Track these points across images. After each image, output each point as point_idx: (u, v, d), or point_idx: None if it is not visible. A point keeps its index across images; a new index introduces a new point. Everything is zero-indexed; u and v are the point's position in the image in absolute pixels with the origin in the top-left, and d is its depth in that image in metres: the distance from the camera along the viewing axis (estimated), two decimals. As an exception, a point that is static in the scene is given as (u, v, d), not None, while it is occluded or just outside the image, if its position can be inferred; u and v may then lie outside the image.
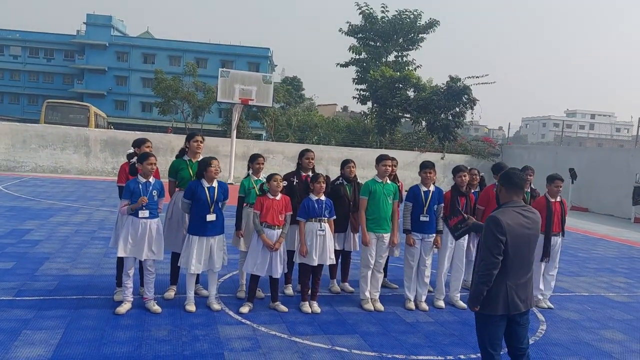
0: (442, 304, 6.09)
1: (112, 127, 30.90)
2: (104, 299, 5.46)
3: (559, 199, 6.37)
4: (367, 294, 5.86)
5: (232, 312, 5.34)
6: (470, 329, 5.31)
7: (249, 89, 17.50)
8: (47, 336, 4.40)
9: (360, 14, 29.82)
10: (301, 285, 5.72)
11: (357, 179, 6.35)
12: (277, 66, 65.56)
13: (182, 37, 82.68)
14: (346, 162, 6.26)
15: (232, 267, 6.79)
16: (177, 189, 5.73)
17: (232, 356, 4.30)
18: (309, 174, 5.96)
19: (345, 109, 61.37)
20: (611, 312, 6.47)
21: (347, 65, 31.05)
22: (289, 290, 6.15)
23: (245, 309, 5.38)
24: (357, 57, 30.47)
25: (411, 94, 25.98)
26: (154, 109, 39.25)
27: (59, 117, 23.08)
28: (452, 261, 6.19)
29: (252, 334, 4.83)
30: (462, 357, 4.67)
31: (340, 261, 6.43)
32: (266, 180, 5.45)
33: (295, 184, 5.95)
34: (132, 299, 5.20)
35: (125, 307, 5.09)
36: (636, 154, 19.10)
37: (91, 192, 14.77)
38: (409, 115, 25.88)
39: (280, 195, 5.42)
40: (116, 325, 4.77)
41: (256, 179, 5.80)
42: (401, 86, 25.88)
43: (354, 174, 6.24)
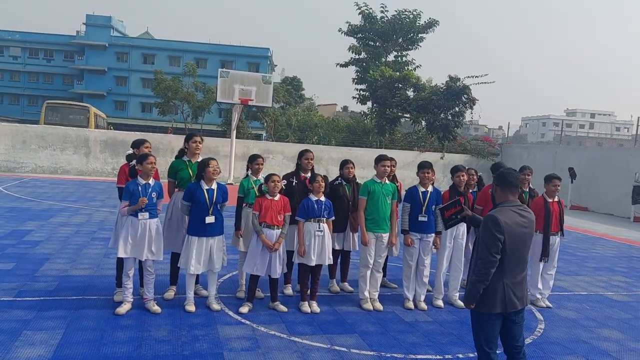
0: (440, 303, 6.12)
1: (112, 127, 30.93)
2: (104, 299, 5.49)
3: (556, 199, 6.39)
4: (366, 294, 5.88)
5: (231, 312, 5.36)
6: (468, 328, 5.31)
7: (248, 89, 17.52)
8: (48, 336, 4.43)
9: (359, 14, 29.86)
10: (300, 285, 5.75)
11: (356, 179, 6.38)
12: (277, 66, 65.68)
13: (181, 38, 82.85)
14: (345, 163, 6.28)
15: (232, 268, 6.81)
16: (176, 189, 5.76)
17: (231, 356, 4.32)
18: (308, 175, 5.99)
19: (345, 108, 61.40)
20: (609, 311, 6.49)
21: (346, 65, 31.09)
22: (289, 290, 6.17)
23: (244, 309, 5.40)
24: (357, 57, 30.51)
25: (411, 93, 26.01)
26: (153, 110, 39.30)
27: (59, 117, 23.12)
28: (451, 261, 6.21)
29: (251, 333, 4.85)
30: (461, 356, 4.69)
31: (339, 261, 6.46)
32: (264, 180, 5.47)
33: (294, 184, 5.98)
34: (132, 300, 5.23)
35: (125, 308, 5.11)
36: (635, 153, 19.12)
37: (91, 192, 14.80)
38: (408, 115, 25.91)
39: (278, 195, 5.44)
40: (116, 325, 4.79)
41: (255, 179, 5.82)
42: (401, 86, 25.91)
43: (352, 174, 6.27)
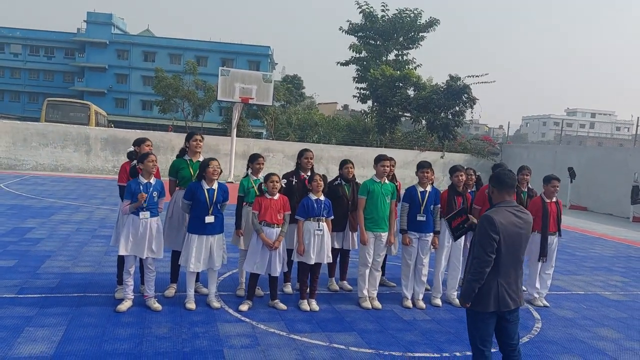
0: (439, 302, 6.17)
1: (113, 125, 30.97)
2: (105, 296, 5.54)
3: (554, 199, 6.43)
4: (365, 292, 5.93)
5: (231, 310, 5.41)
6: (466, 326, 5.37)
7: (249, 87, 17.56)
8: (49, 333, 4.48)
9: (360, 12, 29.85)
10: (300, 283, 5.79)
11: (356, 179, 6.42)
12: (278, 64, 65.81)
13: (182, 35, 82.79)
14: (344, 163, 6.32)
15: (232, 266, 6.86)
16: (177, 188, 5.80)
17: (231, 353, 4.37)
18: (307, 174, 6.03)
19: (345, 107, 61.41)
20: (606, 310, 6.54)
21: (347, 63, 31.09)
22: (288, 288, 6.22)
23: (244, 307, 5.45)
24: (358, 55, 30.50)
25: (411, 92, 26.04)
26: (154, 107, 39.28)
27: (60, 115, 23.13)
28: (450, 260, 6.26)
29: (251, 331, 4.90)
30: (458, 354, 4.74)
31: (339, 260, 6.51)
32: (264, 180, 5.51)
33: (294, 183, 6.02)
34: (132, 297, 5.27)
35: (126, 305, 5.16)
36: (635, 153, 19.15)
37: (92, 190, 14.85)
38: (409, 114, 25.94)
39: (278, 195, 5.48)
40: (117, 322, 4.84)
41: (255, 178, 5.86)
42: (401, 85, 25.94)
43: (352, 174, 6.31)
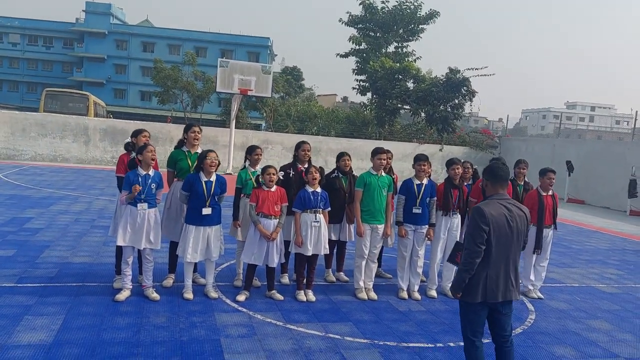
0: (434, 293, 6.23)
1: (112, 116, 30.92)
2: (104, 286, 5.59)
3: (550, 193, 6.48)
4: (361, 284, 5.99)
5: (229, 300, 5.47)
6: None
7: (248, 79, 17.52)
8: (48, 322, 4.53)
9: (360, 4, 29.74)
10: (297, 274, 5.85)
11: (353, 172, 6.46)
12: (277, 56, 65.57)
13: (181, 26, 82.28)
14: (341, 155, 6.36)
15: (230, 257, 6.91)
16: (175, 179, 5.83)
17: (228, 342, 4.43)
18: (305, 166, 6.07)
19: (345, 99, 61.32)
20: (600, 302, 6.61)
21: (347, 55, 31.03)
22: (285, 279, 6.28)
23: (242, 297, 5.51)
24: (357, 47, 30.44)
25: (411, 85, 26.00)
26: (153, 98, 39.25)
27: (58, 105, 23.10)
28: (445, 252, 6.31)
29: (248, 321, 4.96)
30: (452, 344, 4.80)
31: (335, 251, 6.56)
32: (261, 172, 5.54)
33: (291, 175, 6.06)
34: (131, 287, 5.33)
35: (124, 295, 5.22)
36: (633, 146, 19.20)
37: (90, 181, 14.88)
38: (408, 106, 25.93)
39: (275, 186, 5.52)
40: (115, 311, 4.90)
41: (253, 170, 5.90)
42: (401, 77, 25.89)
43: (349, 166, 6.34)
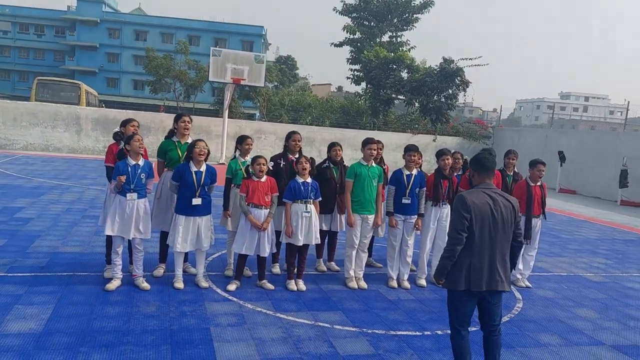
0: (423, 282, 6.29)
1: (104, 105, 30.72)
2: (94, 276, 5.60)
3: (539, 183, 6.53)
4: (352, 273, 6.03)
5: (219, 290, 5.50)
6: (449, 306, 5.51)
7: (240, 68, 17.42)
8: (38, 311, 4.55)
9: (354, -8, 29.56)
10: (287, 264, 5.88)
11: (344, 162, 6.47)
12: (271, 45, 65.07)
13: (174, 14, 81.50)
14: (332, 145, 6.37)
15: (221, 246, 6.93)
16: (166, 169, 5.83)
17: (218, 331, 4.47)
18: (296, 156, 6.07)
19: (340, 89, 61.15)
20: (587, 291, 6.70)
21: (341, 45, 30.88)
22: (276, 269, 6.32)
23: (232, 287, 5.54)
24: (352, 37, 30.31)
25: (405, 75, 25.95)
26: (146, 87, 38.93)
27: (50, 94, 22.94)
28: (434, 241, 6.37)
29: (238, 310, 5.00)
30: (439, 332, 4.87)
31: (327, 241, 6.60)
32: (250, 162, 5.55)
33: (282, 166, 6.06)
34: (121, 276, 5.35)
35: (114, 284, 5.23)
36: (624, 137, 19.33)
37: (82, 170, 14.82)
38: (402, 96, 25.90)
39: (265, 177, 5.53)
40: (106, 301, 4.92)
41: (243, 160, 5.90)
42: (395, 67, 25.84)
43: (340, 156, 6.36)
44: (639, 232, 12.01)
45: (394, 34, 30.76)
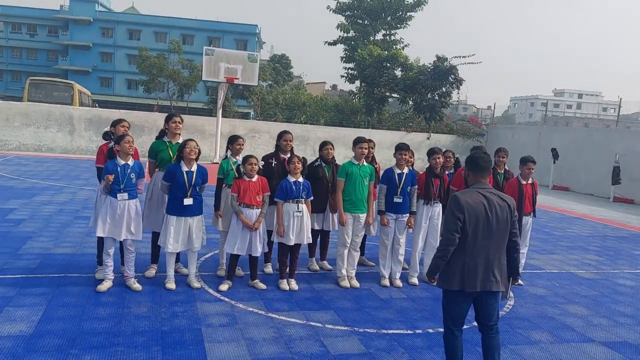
0: (415, 280, 6.31)
1: (97, 105, 30.56)
2: (86, 277, 5.59)
3: (530, 181, 6.56)
4: (344, 272, 6.05)
5: (211, 290, 5.50)
6: (440, 305, 5.52)
7: (234, 67, 17.36)
8: (29, 313, 4.53)
9: (348, -9, 29.53)
10: (279, 264, 5.89)
11: (335, 161, 6.48)
12: (266, 43, 64.90)
13: (168, 13, 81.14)
14: (324, 144, 6.38)
15: (214, 246, 6.93)
16: (157, 170, 5.82)
17: (209, 331, 4.47)
18: (287, 156, 6.08)
19: (334, 87, 61.08)
20: (578, 288, 6.74)
21: (335, 43, 30.86)
22: (269, 268, 6.32)
23: (224, 287, 5.54)
24: (345, 35, 30.30)
25: (399, 73, 25.95)
26: (140, 87, 38.75)
27: (43, 94, 22.80)
28: (426, 239, 6.39)
29: (230, 310, 5.00)
30: (431, 330, 4.89)
31: (319, 240, 6.60)
32: (242, 162, 5.54)
33: (273, 165, 6.07)
34: (112, 277, 5.33)
35: (106, 285, 5.22)
36: (616, 134, 19.43)
37: (75, 171, 14.75)
38: (396, 94, 25.92)
39: (256, 176, 5.53)
40: (97, 302, 4.91)
41: (235, 160, 5.89)
42: (389, 65, 25.83)
43: (331, 155, 6.37)
44: (631, 229, 12.09)
45: (388, 32, 30.78)
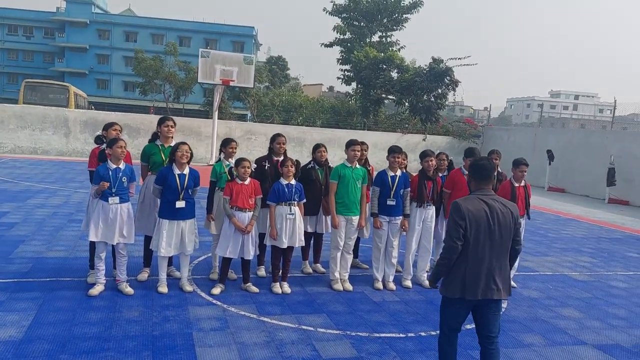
0: (409, 283, 6.31)
1: (93, 107, 30.52)
2: (78, 281, 5.57)
3: (523, 184, 6.56)
4: (337, 275, 6.04)
5: (204, 294, 5.48)
6: (434, 307, 5.53)
7: (229, 69, 17.34)
8: (19, 318, 4.51)
9: (344, -7, 29.58)
10: (272, 267, 5.87)
11: (329, 163, 6.48)
12: (263, 45, 64.96)
13: (164, 15, 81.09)
14: (317, 147, 6.38)
15: (207, 250, 6.91)
16: (149, 173, 5.80)
17: (200, 336, 4.45)
18: (280, 158, 6.07)
19: (331, 89, 61.08)
20: (571, 290, 6.75)
21: (331, 45, 30.93)
22: (261, 271, 6.31)
23: (216, 290, 5.53)
24: (342, 37, 30.34)
25: (395, 75, 26.00)
26: (136, 89, 38.73)
27: (38, 97, 22.73)
28: (420, 242, 6.38)
29: (221, 314, 4.99)
30: (423, 334, 4.88)
31: (312, 243, 6.60)
32: (234, 165, 5.53)
33: (266, 168, 6.06)
34: (104, 281, 5.31)
35: (97, 289, 5.20)
36: (612, 135, 19.48)
37: (70, 173, 14.71)
38: (392, 96, 25.96)
39: (249, 179, 5.52)
40: (88, 307, 4.89)
41: (227, 163, 5.88)
42: (385, 67, 25.88)
43: (325, 158, 6.37)
44: (625, 230, 12.12)
45: (384, 34, 30.84)
